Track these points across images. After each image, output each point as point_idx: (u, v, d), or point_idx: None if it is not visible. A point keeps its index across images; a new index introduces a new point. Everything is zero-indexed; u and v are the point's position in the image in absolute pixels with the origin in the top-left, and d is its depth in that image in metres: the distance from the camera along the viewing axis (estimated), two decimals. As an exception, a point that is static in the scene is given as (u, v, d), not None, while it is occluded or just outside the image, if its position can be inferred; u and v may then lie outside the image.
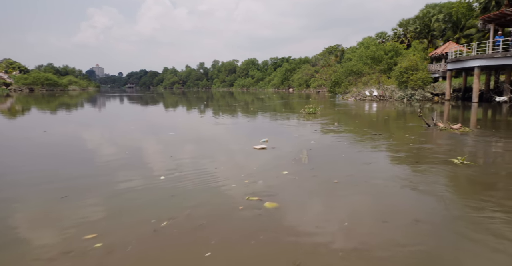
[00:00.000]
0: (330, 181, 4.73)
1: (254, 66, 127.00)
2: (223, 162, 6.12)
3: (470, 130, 9.76)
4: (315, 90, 61.97)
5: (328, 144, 7.86)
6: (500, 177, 5.16)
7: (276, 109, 20.01)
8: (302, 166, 5.60)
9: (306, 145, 7.49)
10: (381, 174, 5.16)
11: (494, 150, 7.44)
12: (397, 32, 52.50)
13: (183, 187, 4.56)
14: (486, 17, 22.96)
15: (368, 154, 6.74)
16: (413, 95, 26.99)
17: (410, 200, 4.11)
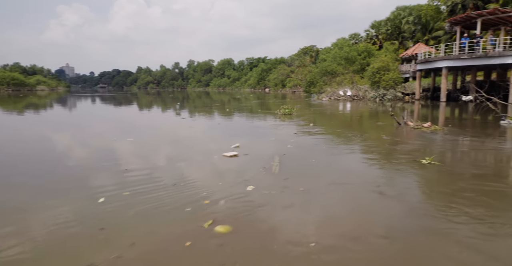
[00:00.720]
0: (301, 194, 4.24)
1: (230, 66, 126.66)
2: (185, 175, 5.19)
3: (439, 129, 10.10)
4: (291, 90, 62.47)
5: (304, 148, 7.42)
6: (464, 178, 5.06)
7: (252, 110, 19.90)
8: (273, 177, 5.01)
9: (282, 150, 7.05)
10: (356, 181, 4.82)
11: (461, 149, 7.70)
12: (369, 33, 53.79)
13: (121, 213, 3.62)
14: (453, 20, 23.87)
15: (344, 158, 6.54)
16: (385, 95, 27.71)
17: (379, 211, 3.76)
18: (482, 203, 3.95)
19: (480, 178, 4.93)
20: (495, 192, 4.33)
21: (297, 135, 9.22)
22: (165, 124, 13.59)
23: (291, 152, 6.95)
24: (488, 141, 8.26)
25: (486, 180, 4.80)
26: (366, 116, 15.77)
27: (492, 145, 7.86)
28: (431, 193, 4.47)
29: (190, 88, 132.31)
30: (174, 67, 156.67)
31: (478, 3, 35.17)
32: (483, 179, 4.86)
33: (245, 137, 9.26)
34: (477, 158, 6.51)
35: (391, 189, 4.50)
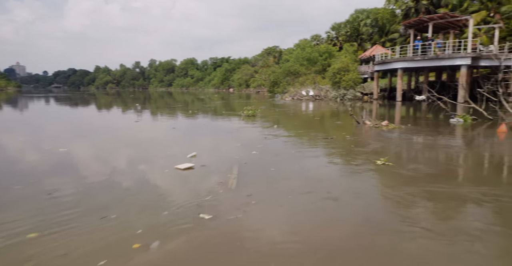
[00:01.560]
0: (264, 218, 3.61)
1: (194, 66, 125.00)
2: (123, 201, 4.11)
3: (396, 127, 10.53)
4: (255, 90, 62.69)
5: (269, 154, 6.78)
6: (413, 180, 4.88)
7: (216, 111, 19.59)
8: (232, 195, 4.28)
9: (245, 156, 6.45)
10: (315, 188, 4.49)
11: (414, 148, 8.05)
12: (330, 35, 55.26)
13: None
14: (407, 23, 25.10)
15: (307, 163, 6.10)
16: (345, 95, 28.58)
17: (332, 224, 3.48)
18: (428, 207, 3.91)
19: (428, 179, 5.03)
20: (441, 194, 4.42)
21: (266, 138, 8.63)
22: (114, 129, 11.84)
23: (254, 159, 6.36)
24: (439, 139, 8.71)
25: (434, 181, 4.86)
26: (328, 116, 16.14)
27: (442, 142, 8.29)
28: (381, 199, 4.24)
29: (152, 88, 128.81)
30: (134, 66, 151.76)
31: (430, 7, 37.28)
32: (432, 180, 4.93)
33: (206, 143, 8.54)
34: (427, 157, 6.81)
35: (343, 197, 4.27)
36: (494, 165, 6.18)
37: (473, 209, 3.93)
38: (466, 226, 3.40)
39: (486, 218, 3.66)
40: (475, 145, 8.29)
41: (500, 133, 9.26)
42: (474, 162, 6.38)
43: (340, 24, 52.86)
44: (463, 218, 3.67)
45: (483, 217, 3.69)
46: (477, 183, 4.93)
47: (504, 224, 3.44)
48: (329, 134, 9.82)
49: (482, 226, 3.37)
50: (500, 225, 3.42)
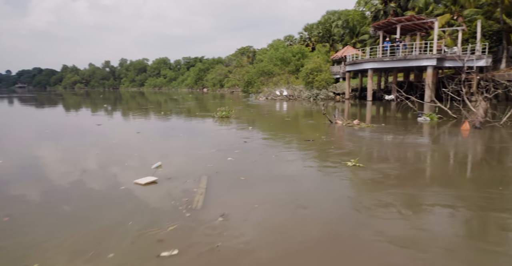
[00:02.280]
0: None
1: (166, 65, 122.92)
2: (62, 231, 3.20)
3: (367, 126, 10.81)
4: (229, 90, 62.50)
5: (246, 160, 6.24)
6: (381, 184, 4.69)
7: (190, 111, 19.21)
8: (198, 216, 3.57)
9: (219, 164, 5.81)
10: (285, 199, 4.09)
11: (384, 147, 8.28)
12: (302, 35, 56.00)
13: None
14: (376, 25, 25.83)
15: (281, 168, 5.69)
16: (318, 94, 29.04)
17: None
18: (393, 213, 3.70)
19: (397, 182, 5.03)
20: (407, 198, 4.38)
21: (245, 142, 8.04)
22: (70, 134, 10.18)
23: (229, 166, 5.76)
24: (408, 137, 9.00)
25: (402, 184, 4.82)
26: (302, 115, 16.29)
27: (411, 141, 8.57)
28: (350, 205, 3.97)
29: (123, 88, 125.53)
30: (104, 65, 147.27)
31: (398, 10, 38.57)
32: (400, 183, 4.93)
33: (175, 149, 7.62)
34: (397, 157, 7.01)
35: (312, 205, 3.96)
36: (460, 164, 6.44)
37: (441, 215, 3.67)
38: (433, 235, 3.17)
39: (454, 226, 3.46)
40: (442, 143, 8.63)
41: (463, 131, 9.70)
42: (441, 162, 6.62)
43: (313, 25, 53.68)
44: (429, 227, 3.35)
45: (453, 225, 3.50)
46: (445, 184, 5.06)
47: (469, 233, 3.54)
48: (304, 134, 9.93)
49: (450, 236, 3.20)
50: (466, 236, 3.45)
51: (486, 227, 3.48)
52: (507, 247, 2.97)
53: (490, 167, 5.92)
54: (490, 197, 4.20)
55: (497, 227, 3.43)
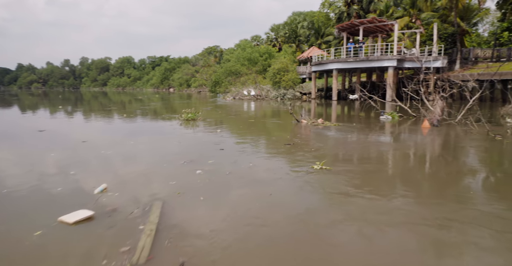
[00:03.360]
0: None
1: (130, 64, 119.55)
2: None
3: (331, 125, 11.04)
4: (196, 90, 61.72)
5: (218, 172, 5.36)
6: (352, 191, 4.36)
7: (156, 112, 18.44)
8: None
9: (184, 181, 4.86)
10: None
11: (351, 147, 8.46)
12: (269, 36, 56.44)
13: None
14: (340, 26, 26.50)
15: (263, 180, 4.89)
16: (286, 94, 29.35)
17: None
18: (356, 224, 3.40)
19: (363, 186, 4.91)
20: (371, 205, 4.16)
21: (202, 150, 7.09)
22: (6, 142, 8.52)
23: (196, 182, 4.78)
24: (372, 136, 9.28)
25: (367, 191, 4.53)
26: (271, 116, 16.31)
27: (375, 139, 8.85)
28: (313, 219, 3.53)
29: (84, 88, 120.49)
30: (63, 64, 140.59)
31: (360, 12, 39.82)
32: (365, 189, 4.68)
33: (132, 163, 6.12)
34: (362, 157, 7.18)
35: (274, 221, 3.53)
36: (421, 163, 6.70)
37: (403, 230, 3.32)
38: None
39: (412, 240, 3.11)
40: (404, 141, 8.95)
41: (423, 129, 10.14)
42: (405, 160, 6.85)
43: (279, 26, 54.25)
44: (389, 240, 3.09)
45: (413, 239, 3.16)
46: (410, 188, 5.25)
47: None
48: (276, 135, 9.94)
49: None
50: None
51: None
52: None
53: (447, 163, 6.21)
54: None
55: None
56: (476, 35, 33.92)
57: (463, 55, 25.92)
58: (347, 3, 41.24)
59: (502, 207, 3.86)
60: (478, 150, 7.28)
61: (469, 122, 10.07)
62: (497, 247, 2.94)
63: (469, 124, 10.01)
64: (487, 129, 9.08)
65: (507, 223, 3.43)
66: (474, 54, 25.55)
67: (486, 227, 3.31)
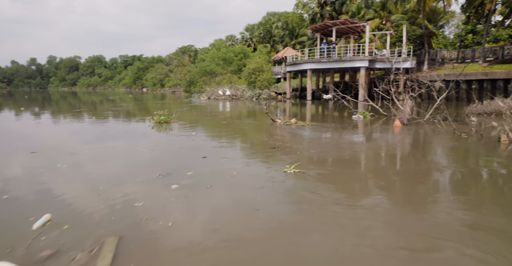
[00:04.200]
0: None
1: (101, 64, 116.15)
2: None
3: (305, 124, 11.16)
4: (170, 90, 60.79)
5: (198, 185, 4.63)
6: (326, 199, 4.05)
7: (129, 113, 17.77)
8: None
9: (153, 204, 3.93)
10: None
11: (325, 147, 8.56)
12: (244, 36, 56.36)
13: None
14: (314, 27, 26.85)
15: (251, 196, 4.19)
16: (261, 94, 29.41)
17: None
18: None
19: (337, 193, 4.44)
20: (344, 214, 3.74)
21: (185, 157, 6.44)
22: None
23: (169, 203, 3.98)
24: (345, 135, 9.44)
25: (340, 200, 4.25)
26: (247, 116, 16.25)
27: (348, 138, 9.01)
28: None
29: (52, 88, 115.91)
30: (30, 63, 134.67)
31: (333, 14, 40.56)
32: (339, 197, 4.29)
33: (91, 180, 4.92)
34: (336, 159, 7.29)
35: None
36: (394, 164, 6.87)
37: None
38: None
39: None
40: (377, 140, 9.15)
41: (395, 127, 10.43)
42: (378, 162, 6.99)
43: (254, 26, 54.29)
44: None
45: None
46: (383, 190, 5.37)
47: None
48: (253, 137, 9.91)
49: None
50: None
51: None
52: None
53: (417, 162, 6.40)
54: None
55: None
56: (442, 37, 35.37)
57: (430, 56, 26.93)
58: (320, 4, 41.88)
59: (478, 213, 4.01)
60: (446, 148, 7.56)
61: (437, 121, 10.47)
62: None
63: (436, 123, 10.40)
64: (454, 128, 9.45)
65: (481, 232, 3.56)
66: (441, 56, 26.60)
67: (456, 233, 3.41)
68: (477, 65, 22.28)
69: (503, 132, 7.78)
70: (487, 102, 13.43)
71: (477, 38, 28.33)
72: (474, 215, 3.65)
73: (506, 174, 5.37)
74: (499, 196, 4.35)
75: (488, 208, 3.90)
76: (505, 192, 4.51)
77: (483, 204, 4.02)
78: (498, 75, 19.16)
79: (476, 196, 4.35)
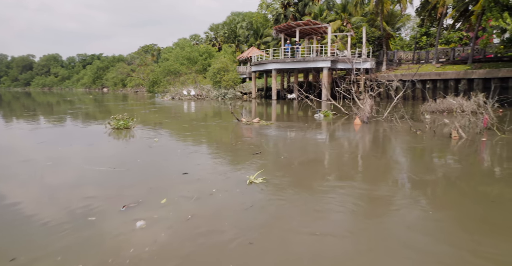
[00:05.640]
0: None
1: (58, 63, 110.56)
2: None
3: (268, 123, 11.30)
4: (133, 90, 58.98)
5: (165, 224, 3.38)
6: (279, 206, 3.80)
7: (89, 115, 16.90)
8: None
9: (101, 261, 2.71)
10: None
11: (291, 148, 8.69)
12: (208, 35, 55.97)
13: None
14: (278, 28, 27.16)
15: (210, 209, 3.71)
16: (226, 94, 29.33)
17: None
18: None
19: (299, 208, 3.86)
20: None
21: (184, 174, 5.12)
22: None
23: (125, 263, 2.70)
24: (309, 134, 9.64)
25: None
26: (211, 116, 16.10)
27: (312, 137, 9.21)
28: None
29: (3, 88, 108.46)
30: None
31: (296, 15, 41.26)
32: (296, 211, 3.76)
33: (22, 219, 3.56)
34: (301, 162, 7.41)
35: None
36: (355, 161, 7.10)
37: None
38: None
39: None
40: (338, 138, 9.43)
41: (355, 125, 10.80)
42: (340, 159, 7.21)
43: (218, 26, 54.07)
44: None
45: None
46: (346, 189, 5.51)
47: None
48: (220, 139, 9.85)
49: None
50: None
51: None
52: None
53: (377, 159, 6.67)
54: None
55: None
56: (399, 39, 37.09)
57: (388, 57, 28.16)
58: (283, 5, 42.46)
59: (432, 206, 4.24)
60: (402, 144, 7.95)
61: (394, 119, 10.98)
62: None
63: (394, 121, 10.90)
64: (410, 125, 9.95)
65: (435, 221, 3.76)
66: (398, 57, 27.89)
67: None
68: (431, 66, 23.59)
69: (453, 128, 8.30)
70: (440, 100, 14.26)
71: (431, 40, 29.99)
72: (429, 201, 3.87)
73: (456, 166, 5.74)
74: (450, 187, 4.64)
75: (441, 198, 4.15)
76: (456, 183, 4.82)
77: (436, 194, 4.28)
78: (450, 75, 20.40)
79: (430, 187, 4.60)
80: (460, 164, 6.00)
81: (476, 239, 3.06)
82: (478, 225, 3.39)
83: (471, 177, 5.25)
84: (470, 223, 3.47)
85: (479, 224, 3.42)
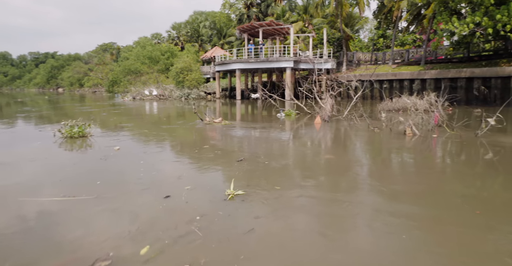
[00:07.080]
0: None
1: (7, 61, 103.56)
2: None
3: (229, 123, 11.37)
4: (91, 90, 56.56)
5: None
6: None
7: (42, 118, 15.97)
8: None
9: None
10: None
11: (258, 150, 8.72)
12: (171, 34, 54.88)
13: None
14: (241, 28, 27.20)
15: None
16: (190, 94, 28.94)
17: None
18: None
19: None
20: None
21: (166, 197, 3.90)
22: None
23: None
24: (272, 134, 9.75)
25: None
26: (175, 117, 15.76)
27: (275, 136, 9.32)
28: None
29: None
30: None
31: (259, 15, 41.52)
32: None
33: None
34: (263, 160, 7.46)
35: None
36: (318, 161, 7.26)
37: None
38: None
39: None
40: (300, 137, 9.60)
41: (316, 124, 11.06)
42: (302, 159, 7.34)
43: (181, 24, 53.18)
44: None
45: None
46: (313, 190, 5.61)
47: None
48: (181, 141, 9.66)
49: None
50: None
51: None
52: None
53: (338, 157, 6.88)
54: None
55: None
56: (358, 40, 38.52)
57: (348, 58, 29.12)
58: (246, 5, 42.58)
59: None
60: (361, 141, 8.26)
61: (354, 117, 11.37)
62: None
63: (353, 119, 11.30)
64: (368, 123, 10.35)
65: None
66: (357, 57, 28.92)
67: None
68: (388, 66, 24.70)
69: (408, 126, 8.75)
70: (396, 100, 14.95)
71: (387, 42, 31.43)
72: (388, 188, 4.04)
73: (410, 160, 6.06)
74: (406, 178, 4.88)
75: (397, 189, 4.36)
76: (410, 174, 5.08)
77: (393, 185, 4.48)
78: (405, 75, 21.47)
79: (387, 179, 4.82)
80: (414, 158, 6.34)
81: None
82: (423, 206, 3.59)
83: (423, 169, 5.56)
84: (419, 205, 3.67)
85: (428, 208, 3.63)
